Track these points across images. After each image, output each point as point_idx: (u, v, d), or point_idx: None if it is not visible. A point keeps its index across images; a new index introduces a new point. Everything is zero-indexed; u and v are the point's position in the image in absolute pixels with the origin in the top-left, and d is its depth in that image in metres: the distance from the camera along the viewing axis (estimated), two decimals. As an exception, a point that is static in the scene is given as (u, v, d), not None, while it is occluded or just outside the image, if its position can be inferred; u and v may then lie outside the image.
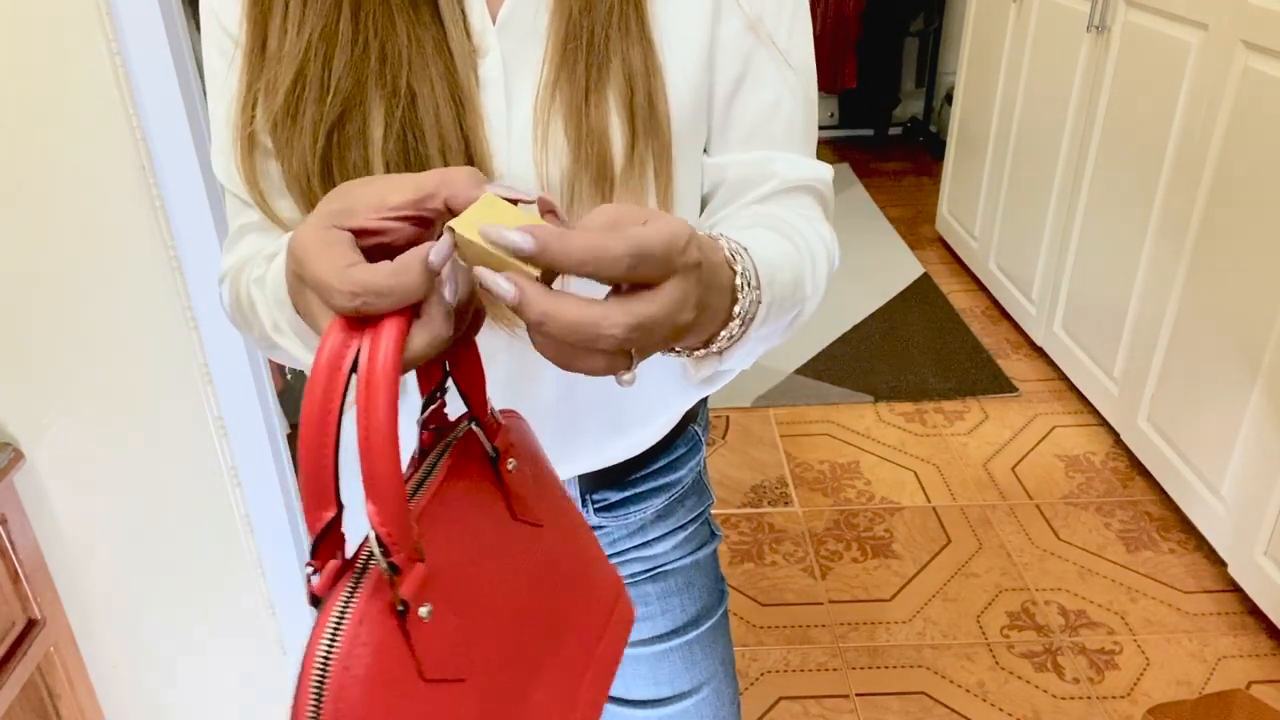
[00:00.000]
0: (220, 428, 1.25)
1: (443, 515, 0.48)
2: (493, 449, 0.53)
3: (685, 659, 0.86)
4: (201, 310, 1.19)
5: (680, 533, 0.85)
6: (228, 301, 0.68)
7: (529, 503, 0.55)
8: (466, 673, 0.46)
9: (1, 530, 1.19)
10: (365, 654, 0.41)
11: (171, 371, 1.21)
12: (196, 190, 1.14)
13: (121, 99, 1.08)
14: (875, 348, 2.93)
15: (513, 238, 0.41)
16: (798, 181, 0.70)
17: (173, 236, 1.15)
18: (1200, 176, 2.00)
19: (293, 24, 0.59)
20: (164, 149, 1.11)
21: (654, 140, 0.63)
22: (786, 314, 0.60)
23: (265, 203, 0.65)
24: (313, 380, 0.42)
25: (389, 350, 0.41)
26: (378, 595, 0.43)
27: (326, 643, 0.41)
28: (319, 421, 0.41)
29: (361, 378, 0.41)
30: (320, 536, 0.43)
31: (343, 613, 0.42)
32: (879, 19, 4.46)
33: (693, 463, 0.85)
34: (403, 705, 0.43)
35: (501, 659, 0.49)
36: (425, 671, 0.44)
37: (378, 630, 0.42)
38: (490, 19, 0.62)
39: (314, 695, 0.40)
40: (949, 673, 1.81)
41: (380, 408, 0.41)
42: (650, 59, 0.62)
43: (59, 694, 1.30)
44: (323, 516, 0.43)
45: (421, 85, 0.59)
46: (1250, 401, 1.86)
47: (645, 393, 0.76)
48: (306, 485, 0.43)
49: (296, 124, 0.60)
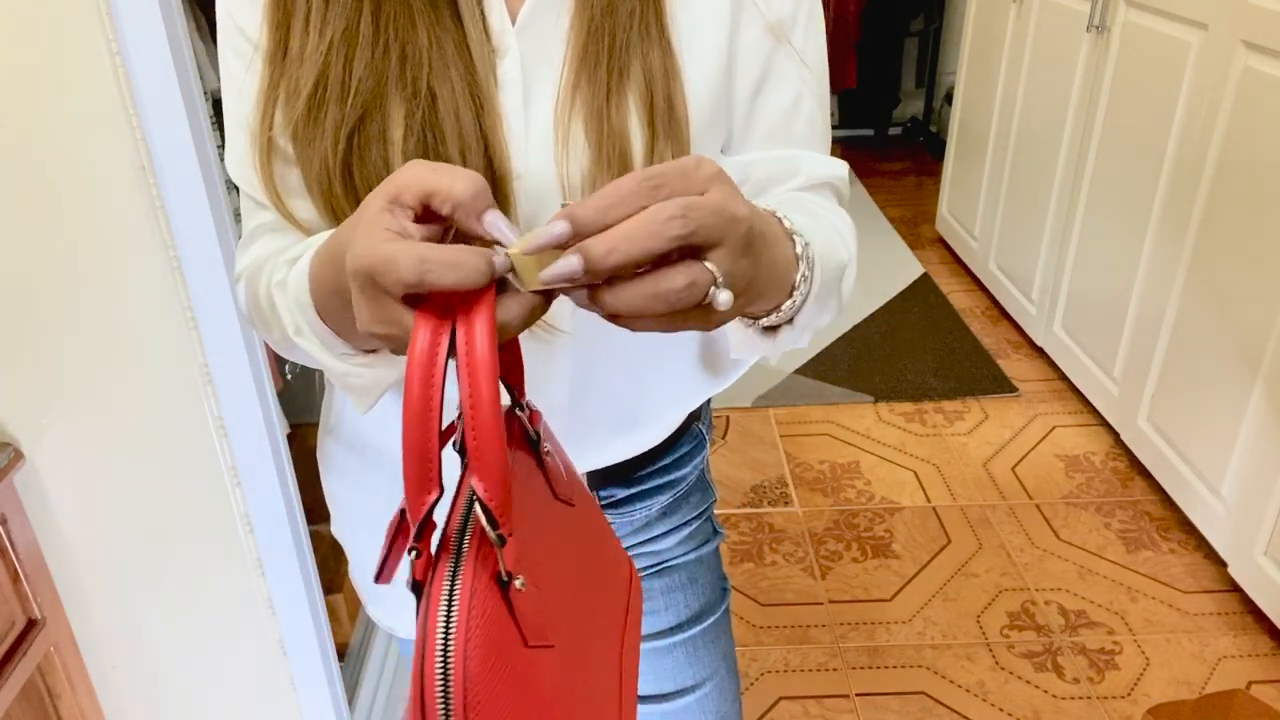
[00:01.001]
0: (220, 428, 1.25)
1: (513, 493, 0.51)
2: (534, 433, 0.56)
3: (689, 654, 0.87)
4: (201, 310, 1.19)
5: (684, 529, 0.86)
6: (244, 301, 0.69)
7: (564, 483, 0.58)
8: (554, 639, 0.49)
9: (1, 530, 1.19)
10: (482, 624, 0.43)
11: (171, 371, 1.21)
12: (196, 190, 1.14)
13: (121, 99, 1.08)
14: (875, 348, 2.93)
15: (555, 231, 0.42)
16: (820, 179, 0.71)
17: (173, 236, 1.15)
18: (1200, 176, 2.00)
19: (314, 27, 0.60)
20: (164, 149, 1.11)
21: (673, 141, 0.63)
22: (832, 292, 0.62)
23: (282, 204, 0.65)
24: (410, 374, 0.43)
25: (485, 331, 0.43)
26: (481, 569, 0.44)
27: (444, 616, 0.43)
28: (421, 410, 0.43)
29: (462, 361, 0.43)
30: (425, 519, 0.45)
31: (452, 588, 0.43)
32: (879, 19, 4.46)
33: (697, 460, 0.86)
34: (514, 671, 0.45)
35: (570, 627, 0.52)
36: (528, 638, 0.46)
37: (488, 602, 0.44)
38: (510, 20, 0.62)
39: (440, 669, 0.42)
40: (949, 673, 1.81)
41: (483, 387, 0.42)
42: (669, 61, 0.63)
43: (59, 694, 1.30)
44: (426, 499, 0.44)
45: (441, 86, 0.60)
46: (1250, 401, 1.86)
47: (656, 390, 0.77)
48: (412, 471, 0.44)
49: (318, 126, 0.60)
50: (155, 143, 1.11)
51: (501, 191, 0.62)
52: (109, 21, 1.05)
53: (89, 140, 1.09)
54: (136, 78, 1.08)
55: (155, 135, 1.11)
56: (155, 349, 1.20)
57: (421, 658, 0.42)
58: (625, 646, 0.61)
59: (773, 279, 0.52)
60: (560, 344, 0.70)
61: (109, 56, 1.06)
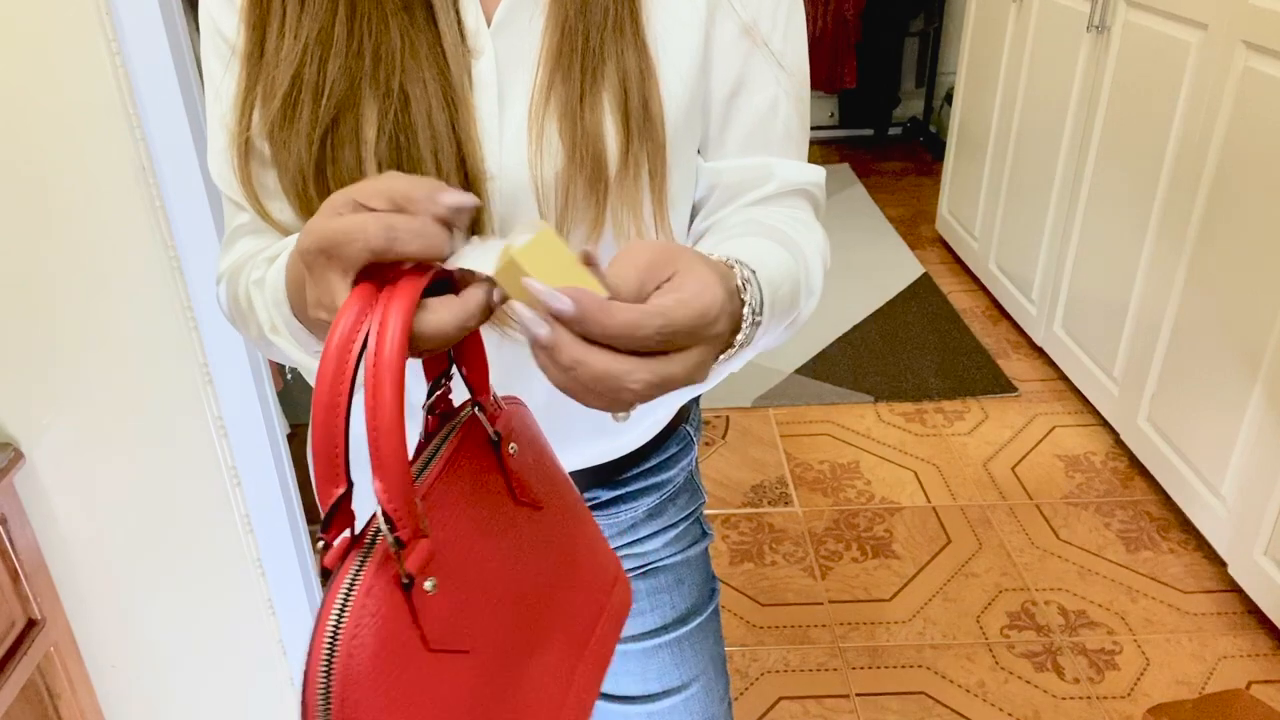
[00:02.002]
0: (220, 428, 1.25)
1: (446, 496, 0.50)
2: (495, 433, 0.55)
3: (675, 655, 0.87)
4: (201, 310, 1.19)
5: (671, 530, 0.86)
6: (225, 301, 0.69)
7: (529, 485, 0.57)
8: (469, 645, 0.48)
9: (1, 530, 1.19)
10: (372, 624, 0.43)
11: (171, 371, 1.21)
12: (196, 190, 1.14)
13: (121, 99, 1.08)
14: (875, 348, 2.93)
15: (557, 304, 0.42)
16: (794, 185, 0.71)
17: (173, 236, 1.15)
18: (1200, 176, 2.00)
19: (289, 28, 0.60)
20: (164, 149, 1.11)
21: (648, 142, 0.63)
22: (782, 322, 0.61)
23: (260, 205, 0.66)
24: (324, 361, 0.43)
25: (396, 334, 0.43)
26: (384, 569, 0.44)
27: (336, 614, 0.43)
28: (329, 401, 0.43)
29: (369, 360, 0.43)
30: (331, 511, 0.45)
31: (351, 585, 0.44)
32: (879, 19, 4.46)
33: (684, 462, 0.85)
34: (408, 674, 0.45)
35: (502, 633, 0.51)
36: (430, 642, 0.46)
37: (384, 602, 0.44)
38: (485, 21, 0.62)
39: (324, 663, 0.42)
40: (949, 673, 1.81)
41: (386, 390, 0.42)
42: (644, 62, 0.63)
43: (59, 694, 1.30)
44: (333, 492, 0.44)
45: (414, 87, 0.60)
46: (1250, 401, 1.86)
47: None
48: (319, 462, 0.44)
49: (293, 126, 0.60)
50: (155, 143, 1.11)
51: (475, 192, 0.62)
52: (109, 21, 1.05)
53: (89, 140, 1.09)
54: (136, 78, 1.08)
55: (155, 135, 1.11)
56: (155, 349, 1.20)
57: (311, 644, 0.43)
58: (590, 653, 0.59)
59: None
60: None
61: (109, 56, 1.06)
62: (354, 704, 0.42)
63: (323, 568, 0.46)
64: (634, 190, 0.64)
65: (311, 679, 0.43)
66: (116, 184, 1.11)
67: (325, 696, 0.42)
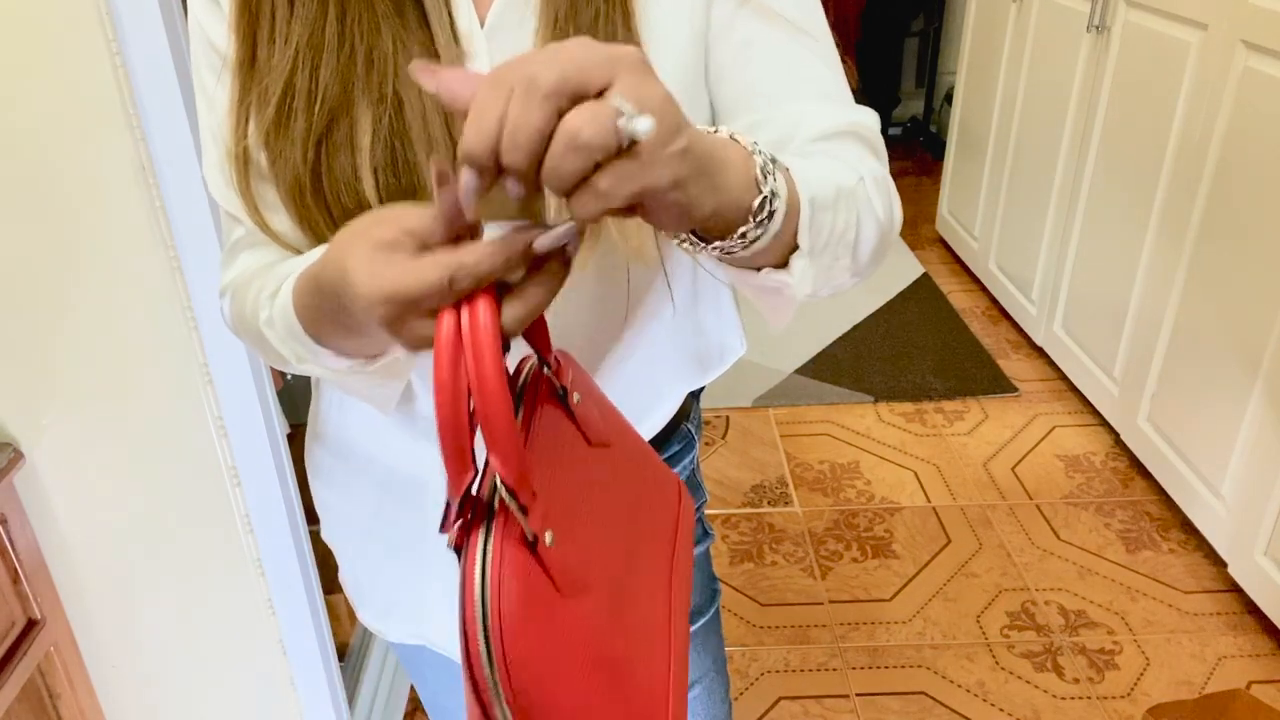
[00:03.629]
0: (220, 428, 1.25)
1: (537, 453, 0.53)
2: (561, 388, 0.58)
3: None
4: (201, 310, 1.19)
5: None
6: (230, 318, 0.69)
7: (597, 428, 0.60)
8: (590, 583, 0.53)
9: (1, 530, 1.19)
10: (514, 584, 0.47)
11: (171, 371, 1.21)
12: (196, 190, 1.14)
13: (121, 99, 1.08)
14: (875, 348, 2.93)
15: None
16: (834, 129, 0.65)
17: (173, 237, 1.15)
18: (1200, 176, 2.00)
19: (279, 35, 0.59)
20: (164, 149, 1.11)
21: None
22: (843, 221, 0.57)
23: (259, 216, 0.65)
24: (438, 363, 0.45)
25: (487, 314, 0.45)
26: (509, 533, 0.48)
27: (479, 583, 0.47)
28: (452, 400, 0.45)
29: (466, 345, 0.44)
30: (464, 496, 0.48)
31: (484, 554, 0.47)
32: (879, 19, 4.46)
33: (685, 461, 0.85)
34: (553, 619, 0.49)
35: (611, 565, 0.56)
36: (561, 588, 0.50)
37: (518, 562, 0.48)
38: (479, 23, 0.62)
39: (483, 629, 0.46)
40: (949, 673, 1.81)
41: (488, 370, 0.44)
42: None
43: (59, 694, 1.30)
44: (465, 478, 0.47)
45: (408, 91, 0.59)
46: (1250, 401, 1.86)
47: (639, 384, 0.76)
48: (450, 453, 0.46)
49: (287, 135, 0.60)
50: (155, 143, 1.11)
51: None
52: (109, 21, 1.05)
53: (89, 140, 1.09)
54: (136, 78, 1.08)
55: (155, 135, 1.11)
56: (155, 349, 1.20)
57: (464, 615, 0.46)
58: (676, 563, 0.64)
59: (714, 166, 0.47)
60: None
61: (109, 56, 1.06)
62: (519, 656, 0.46)
63: (456, 546, 0.49)
64: None
65: (472, 635, 0.46)
66: (116, 184, 1.11)
67: (489, 656, 0.46)
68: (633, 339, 0.75)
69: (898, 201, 0.65)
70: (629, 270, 0.70)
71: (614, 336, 0.73)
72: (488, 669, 0.46)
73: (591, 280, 0.69)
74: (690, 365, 0.80)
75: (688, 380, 0.81)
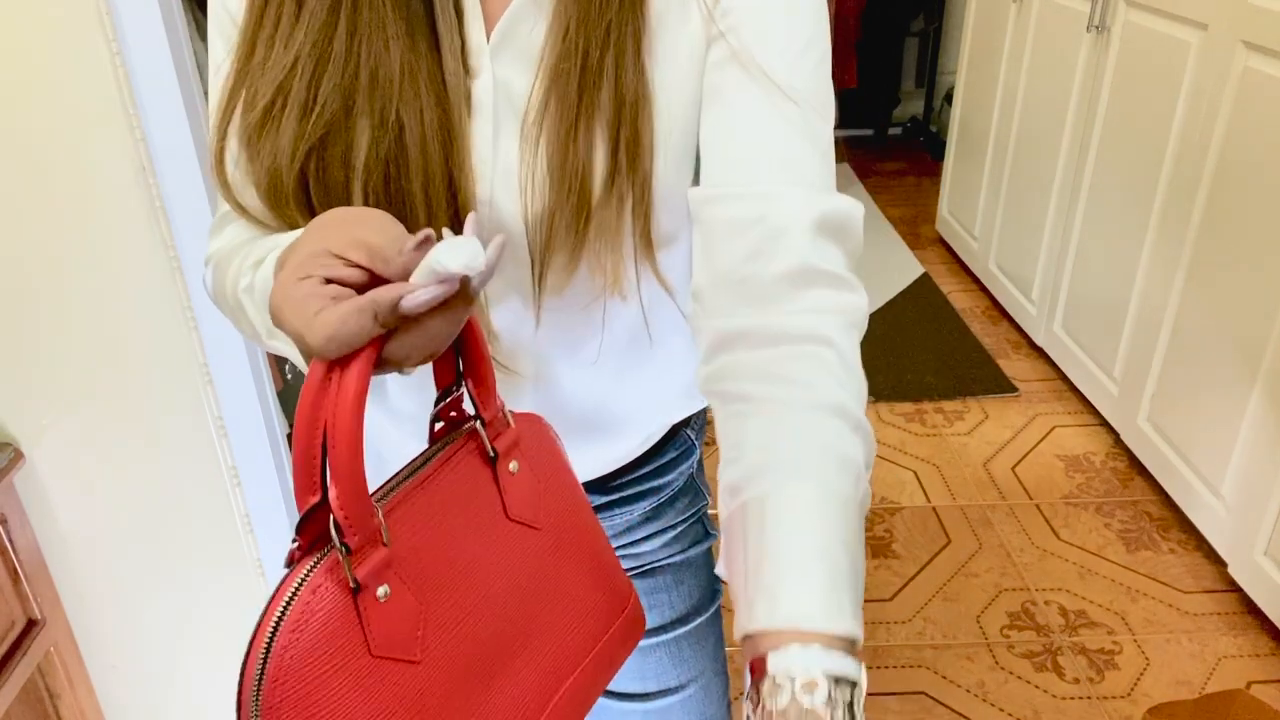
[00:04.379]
0: (220, 428, 1.25)
1: (426, 504, 0.51)
2: (492, 450, 0.55)
3: (672, 655, 0.86)
4: (201, 310, 1.19)
5: (669, 532, 0.85)
6: (211, 284, 0.69)
7: (527, 505, 0.56)
8: (421, 655, 0.49)
9: (1, 530, 1.19)
10: (314, 621, 0.45)
11: (171, 371, 1.21)
12: (196, 190, 1.14)
13: (121, 99, 1.08)
14: (875, 348, 2.93)
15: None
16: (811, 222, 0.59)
17: (173, 236, 1.15)
18: (1200, 176, 2.00)
19: (282, 38, 0.59)
20: (164, 149, 1.11)
21: (634, 174, 0.61)
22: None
23: (236, 202, 0.65)
24: (308, 382, 0.46)
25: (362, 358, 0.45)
26: (336, 571, 0.46)
27: (281, 607, 0.45)
28: (310, 419, 0.45)
29: (335, 376, 0.45)
30: (305, 517, 0.47)
31: (301, 582, 0.46)
32: (879, 19, 4.46)
33: (684, 467, 0.85)
34: (344, 674, 0.46)
35: (468, 649, 0.51)
36: (374, 648, 0.47)
37: (329, 602, 0.46)
38: (486, 36, 0.61)
39: (262, 653, 0.44)
40: (949, 673, 1.81)
41: (347, 403, 0.45)
42: (641, 87, 0.60)
43: (59, 694, 1.30)
44: (309, 500, 0.46)
45: (410, 116, 0.59)
46: (1250, 401, 1.86)
47: (624, 408, 0.76)
48: (298, 474, 0.46)
49: (269, 139, 0.59)
50: (155, 143, 1.11)
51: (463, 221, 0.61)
52: (109, 21, 1.05)
53: (89, 140, 1.09)
54: (136, 78, 1.08)
55: (155, 135, 1.11)
56: (155, 349, 1.20)
57: (255, 631, 0.45)
58: (575, 684, 0.58)
59: None
60: (523, 385, 0.71)
61: (109, 56, 1.06)
62: (282, 694, 0.44)
63: (288, 562, 0.48)
64: (615, 223, 0.62)
65: (249, 666, 0.44)
66: (116, 184, 1.11)
67: (257, 685, 0.44)
68: (617, 376, 0.74)
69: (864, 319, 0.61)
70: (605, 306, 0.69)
71: (599, 381, 0.73)
72: (253, 697, 0.44)
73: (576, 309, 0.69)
74: (681, 396, 0.80)
75: (681, 409, 0.81)
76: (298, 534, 0.47)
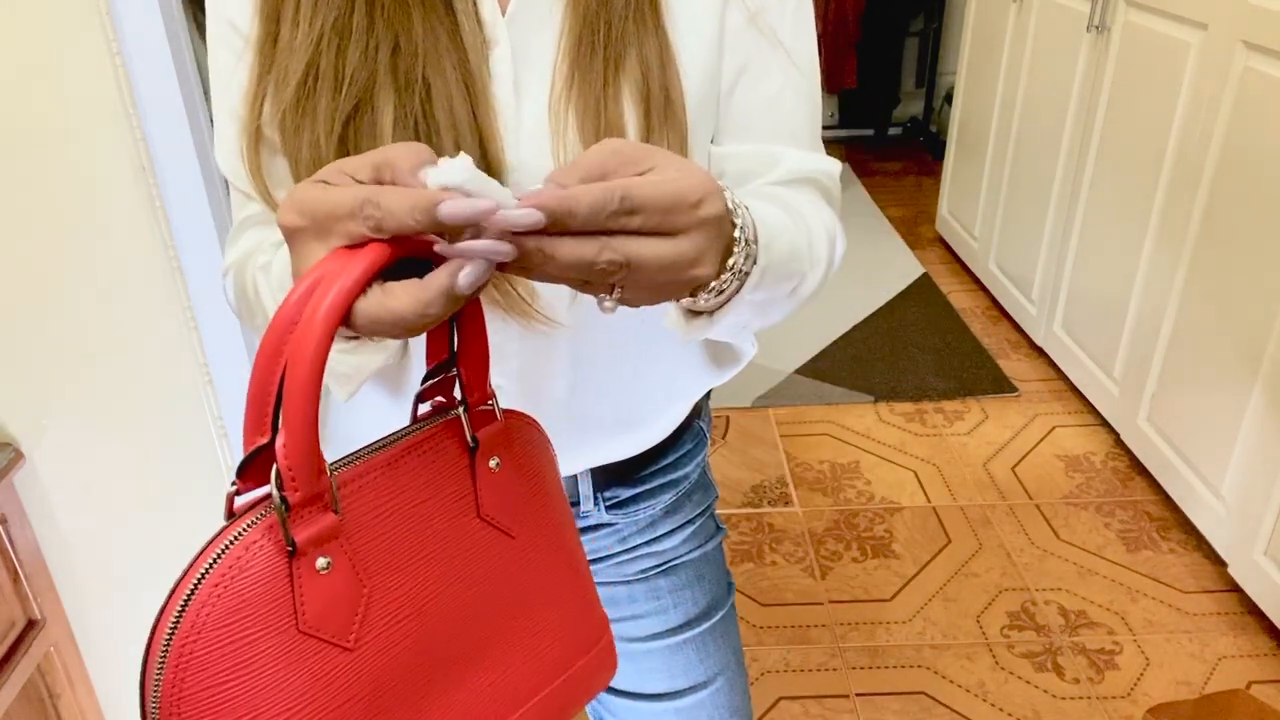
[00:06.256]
0: (220, 428, 1.25)
1: (389, 482, 0.47)
2: (473, 439, 0.52)
3: (699, 650, 0.88)
4: (201, 310, 1.19)
5: (689, 527, 0.87)
6: (232, 294, 0.69)
7: (503, 507, 0.53)
8: (354, 643, 0.45)
9: (1, 530, 1.19)
10: (242, 580, 0.41)
11: (171, 371, 1.21)
12: (196, 190, 1.14)
13: (121, 99, 1.08)
14: (875, 348, 2.93)
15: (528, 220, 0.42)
16: (799, 174, 0.70)
17: (173, 236, 1.15)
18: (1200, 176, 2.00)
19: (304, 16, 0.60)
20: (164, 149, 1.11)
21: (670, 131, 0.63)
22: (783, 284, 0.59)
23: (269, 194, 0.65)
24: (283, 307, 0.42)
25: (343, 287, 0.41)
26: (276, 531, 0.43)
27: (210, 561, 0.41)
28: (273, 350, 0.41)
29: (309, 307, 0.41)
30: (249, 458, 0.43)
31: (236, 537, 0.42)
32: (879, 19, 4.46)
33: (699, 458, 0.87)
34: (266, 646, 0.42)
35: (407, 647, 0.47)
36: (303, 623, 0.43)
37: (262, 563, 0.42)
38: (500, 11, 0.62)
39: (179, 606, 0.41)
40: (949, 673, 1.81)
41: (312, 341, 0.40)
42: (665, 50, 0.63)
43: (59, 694, 1.30)
44: (257, 440, 0.43)
45: (436, 77, 0.60)
46: (1250, 401, 1.86)
47: (656, 384, 0.77)
48: (250, 408, 0.43)
49: (306, 115, 0.60)
50: (155, 143, 1.11)
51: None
52: (109, 21, 1.05)
53: (89, 140, 1.09)
54: (136, 78, 1.08)
55: (155, 135, 1.11)
56: (155, 349, 1.20)
57: (178, 581, 0.41)
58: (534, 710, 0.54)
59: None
60: (558, 338, 0.70)
61: (109, 56, 1.06)
62: (191, 654, 0.41)
63: (229, 515, 0.44)
64: None
65: (163, 618, 0.41)
66: (116, 184, 1.11)
67: (168, 639, 0.40)
68: (649, 341, 0.75)
69: (842, 243, 0.70)
70: None
71: (631, 335, 0.74)
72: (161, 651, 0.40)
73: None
74: (703, 366, 0.81)
75: (703, 380, 0.81)
76: (238, 477, 0.44)
